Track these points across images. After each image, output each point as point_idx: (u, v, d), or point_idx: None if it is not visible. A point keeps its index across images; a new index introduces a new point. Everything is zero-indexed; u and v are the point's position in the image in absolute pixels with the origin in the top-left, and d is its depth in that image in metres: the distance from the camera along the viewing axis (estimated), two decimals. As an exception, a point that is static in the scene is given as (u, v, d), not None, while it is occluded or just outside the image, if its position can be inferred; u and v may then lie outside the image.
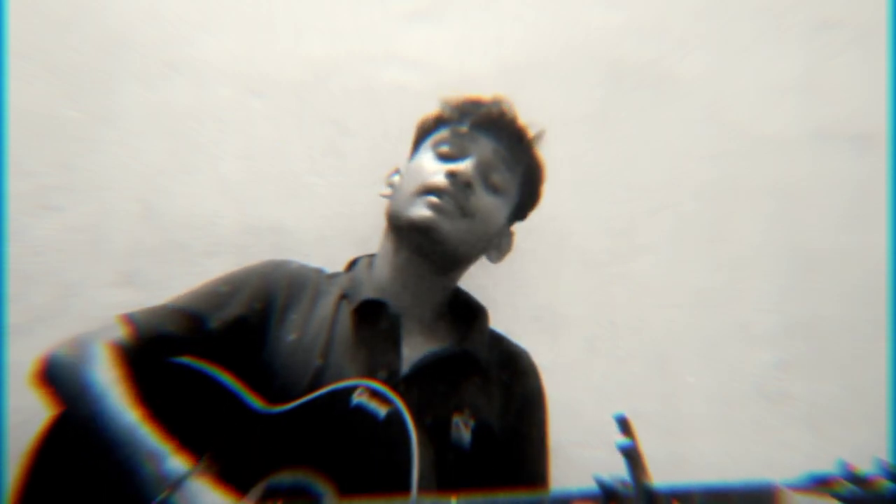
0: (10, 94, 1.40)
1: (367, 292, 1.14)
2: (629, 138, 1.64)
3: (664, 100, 1.66)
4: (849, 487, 0.73)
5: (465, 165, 1.14)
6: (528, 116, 1.28)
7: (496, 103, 1.23)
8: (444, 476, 1.02)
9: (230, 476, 0.92)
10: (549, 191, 1.35)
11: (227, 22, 1.57)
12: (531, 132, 1.25)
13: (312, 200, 1.51)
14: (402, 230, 1.15)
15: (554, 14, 1.68)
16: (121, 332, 1.05)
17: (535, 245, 1.52)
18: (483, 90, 1.32)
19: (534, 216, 1.36)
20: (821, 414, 1.48)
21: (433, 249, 1.13)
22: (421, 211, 1.12)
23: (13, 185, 1.37)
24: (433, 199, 1.12)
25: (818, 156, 1.64)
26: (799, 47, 1.70)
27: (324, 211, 1.50)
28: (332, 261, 1.30)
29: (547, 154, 1.32)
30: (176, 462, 0.89)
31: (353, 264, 1.25)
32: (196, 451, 0.92)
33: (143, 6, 1.53)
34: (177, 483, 0.87)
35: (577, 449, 1.35)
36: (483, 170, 1.17)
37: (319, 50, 1.59)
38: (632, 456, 0.78)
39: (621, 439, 0.79)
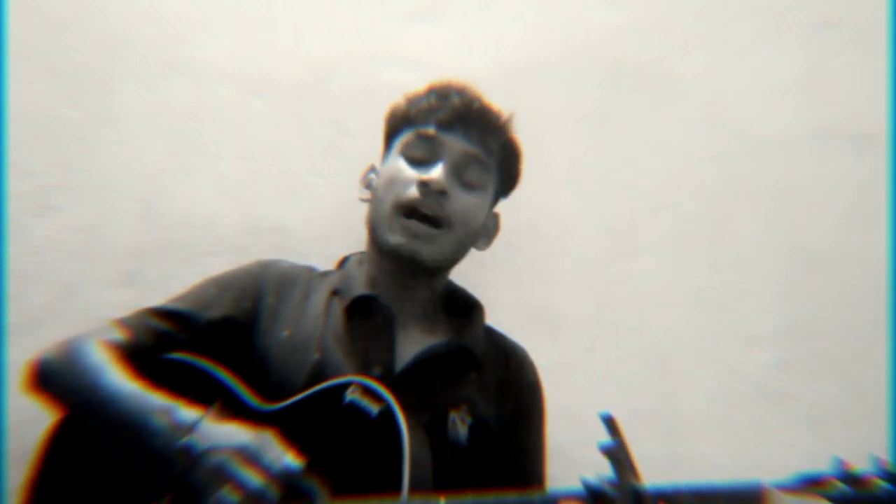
0: (10, 94, 1.40)
1: (359, 288, 1.14)
2: (629, 138, 1.64)
3: (664, 100, 1.66)
4: (840, 488, 0.72)
5: (436, 174, 1.12)
6: (527, 116, 1.28)
7: (460, 95, 1.19)
8: (441, 472, 1.01)
9: None
10: (549, 190, 1.35)
11: (227, 22, 1.57)
12: (501, 118, 1.21)
13: (312, 200, 1.51)
14: (383, 251, 1.14)
15: (554, 14, 1.68)
16: (114, 333, 1.06)
17: (535, 245, 1.52)
18: (483, 90, 1.32)
19: (534, 215, 1.36)
20: (821, 414, 1.48)
21: (416, 267, 1.13)
22: (398, 238, 1.11)
23: (13, 185, 1.37)
24: (409, 222, 1.11)
25: (818, 156, 1.64)
26: (799, 47, 1.70)
27: (324, 211, 1.50)
28: (332, 261, 1.29)
29: (547, 154, 1.32)
30: (187, 411, 0.90)
31: (344, 261, 1.25)
32: None
33: (143, 6, 1.53)
34: (194, 426, 0.88)
35: (577, 449, 1.34)
36: (456, 171, 1.15)
37: (319, 50, 1.59)
38: (616, 456, 0.77)
39: (604, 440, 0.78)
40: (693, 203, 1.61)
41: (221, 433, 0.88)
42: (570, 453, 1.30)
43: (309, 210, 1.50)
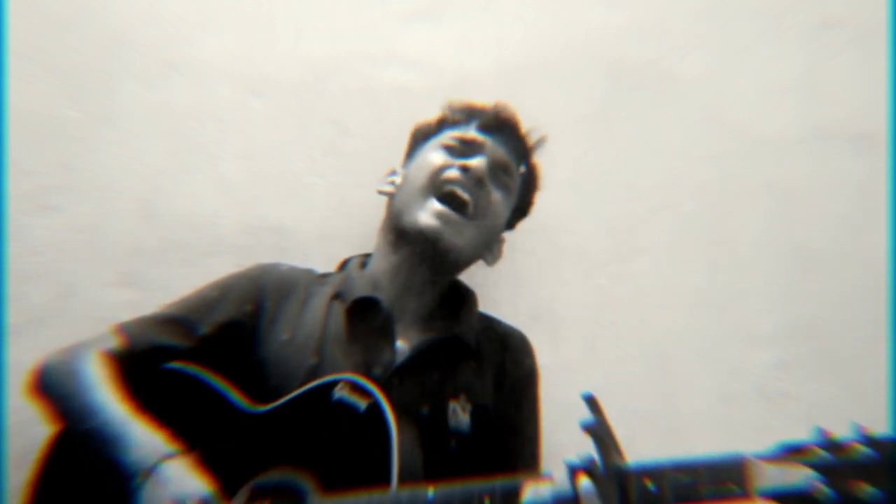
0: (10, 94, 1.40)
1: (360, 290, 1.15)
2: (629, 138, 1.64)
3: (664, 100, 1.66)
4: (821, 455, 0.72)
5: (478, 161, 1.15)
6: (528, 116, 1.28)
7: (499, 107, 1.25)
8: (448, 462, 1.02)
9: (219, 477, 0.92)
10: (549, 190, 1.35)
11: (227, 22, 1.57)
12: (533, 138, 1.28)
13: (312, 200, 1.51)
14: (408, 235, 1.14)
15: (554, 14, 1.67)
16: (114, 343, 1.07)
17: (535, 245, 1.52)
18: (483, 90, 1.32)
19: (534, 215, 1.36)
20: (821, 414, 1.48)
21: (437, 257, 1.13)
22: (429, 220, 1.12)
23: (13, 185, 1.37)
24: (442, 208, 1.12)
25: (818, 156, 1.64)
26: (799, 47, 1.70)
27: (324, 211, 1.50)
28: (332, 261, 1.30)
29: (547, 154, 1.32)
30: (156, 448, 0.91)
31: (344, 264, 1.26)
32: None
33: (143, 6, 1.53)
34: (152, 468, 0.88)
35: (577, 449, 1.34)
36: (493, 168, 1.18)
37: (319, 50, 1.59)
38: (598, 434, 0.77)
39: (584, 418, 0.77)
40: (693, 203, 1.60)
41: (179, 480, 0.88)
42: (570, 453, 1.30)
43: (309, 210, 1.50)
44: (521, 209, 1.30)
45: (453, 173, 1.14)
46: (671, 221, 1.59)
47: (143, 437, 0.92)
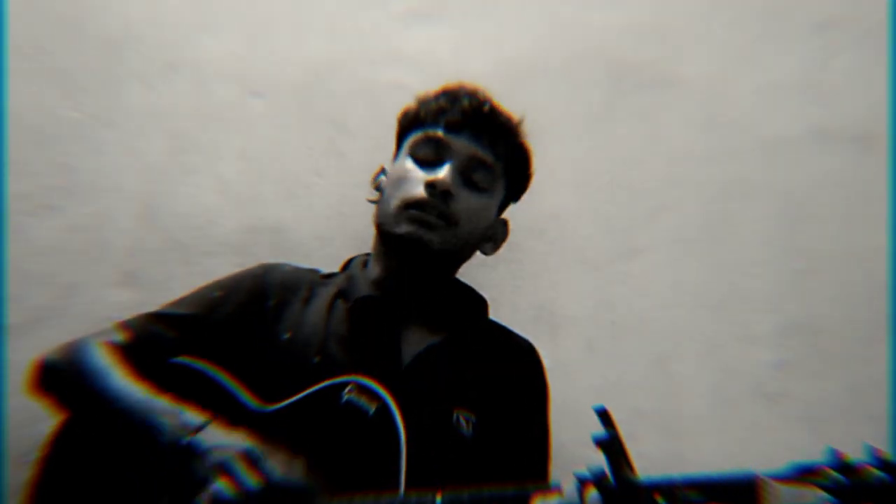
0: (11, 94, 1.40)
1: (363, 290, 1.15)
2: (629, 138, 1.64)
3: (664, 100, 1.66)
4: (834, 477, 0.72)
5: (443, 174, 1.12)
6: (528, 117, 1.28)
7: (470, 98, 1.19)
8: (448, 470, 1.01)
9: None
10: (549, 190, 1.35)
11: (227, 22, 1.57)
12: (510, 122, 1.22)
13: (312, 200, 1.51)
14: (390, 244, 1.14)
15: (554, 14, 1.68)
16: (117, 336, 1.07)
17: (536, 244, 1.52)
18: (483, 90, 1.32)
19: (535, 215, 1.36)
20: (821, 414, 1.48)
21: (422, 259, 1.13)
22: (406, 228, 1.11)
23: (13, 185, 1.37)
24: (416, 213, 1.11)
25: (819, 156, 1.64)
26: (799, 48, 1.70)
27: (324, 211, 1.50)
28: (332, 261, 1.30)
29: (547, 154, 1.32)
30: (192, 414, 0.93)
31: (347, 264, 1.26)
32: None
33: (144, 7, 1.53)
34: (200, 428, 0.90)
35: (577, 449, 1.35)
36: (463, 172, 1.15)
37: (319, 50, 1.59)
38: (610, 448, 0.77)
39: (597, 432, 0.77)
40: (693, 203, 1.60)
41: (227, 436, 0.91)
42: (571, 453, 1.30)
43: (309, 210, 1.50)
44: (517, 188, 1.26)
45: (420, 192, 1.12)
46: (671, 221, 1.59)
47: (175, 408, 0.94)
